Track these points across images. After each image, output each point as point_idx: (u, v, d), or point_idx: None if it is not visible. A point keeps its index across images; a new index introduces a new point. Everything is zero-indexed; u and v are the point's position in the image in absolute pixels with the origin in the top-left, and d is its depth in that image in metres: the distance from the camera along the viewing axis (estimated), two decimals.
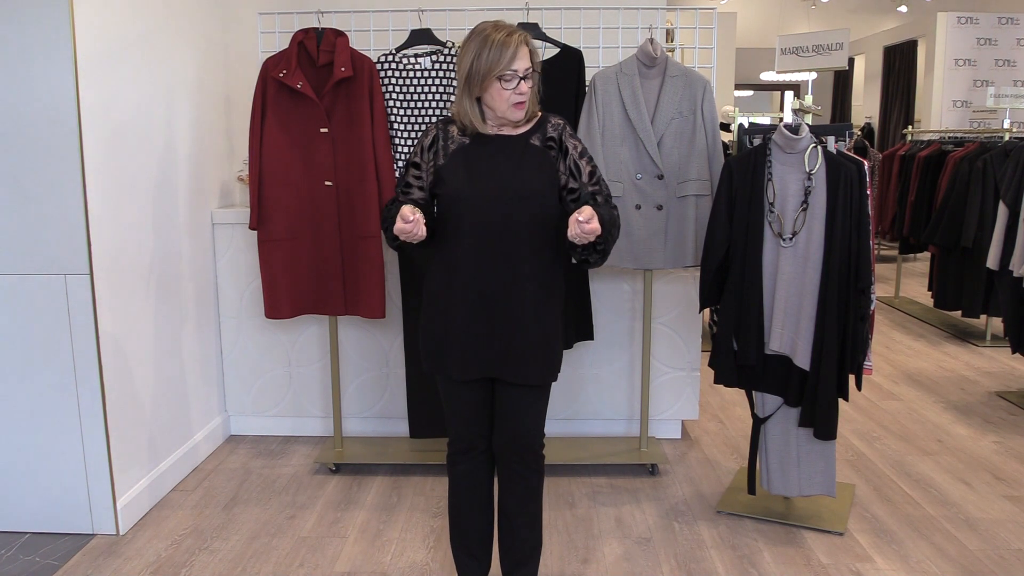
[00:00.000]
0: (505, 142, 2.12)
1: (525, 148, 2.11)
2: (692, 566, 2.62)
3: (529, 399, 2.16)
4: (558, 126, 2.15)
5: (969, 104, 8.11)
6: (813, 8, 10.61)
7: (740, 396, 4.21)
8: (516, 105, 2.06)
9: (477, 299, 2.08)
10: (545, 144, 2.12)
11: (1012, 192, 4.19)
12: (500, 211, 2.05)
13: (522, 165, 2.09)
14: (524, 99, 2.06)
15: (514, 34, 2.04)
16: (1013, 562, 2.64)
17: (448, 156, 2.11)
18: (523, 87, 2.04)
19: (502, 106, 2.05)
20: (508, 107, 2.06)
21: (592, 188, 2.12)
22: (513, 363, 2.11)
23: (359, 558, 2.68)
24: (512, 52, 2.01)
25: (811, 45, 3.49)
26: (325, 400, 3.69)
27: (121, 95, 2.86)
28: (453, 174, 2.09)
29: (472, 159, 2.10)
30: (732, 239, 2.73)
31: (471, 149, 2.11)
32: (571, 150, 2.13)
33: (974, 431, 3.83)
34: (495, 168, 2.08)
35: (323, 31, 3.13)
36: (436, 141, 2.15)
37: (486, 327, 2.10)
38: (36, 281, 2.68)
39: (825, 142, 2.68)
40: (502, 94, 2.04)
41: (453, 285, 2.10)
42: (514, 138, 2.13)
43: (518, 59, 2.02)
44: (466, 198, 2.07)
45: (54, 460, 2.77)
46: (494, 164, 2.09)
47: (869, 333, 2.68)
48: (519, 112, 2.08)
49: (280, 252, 3.21)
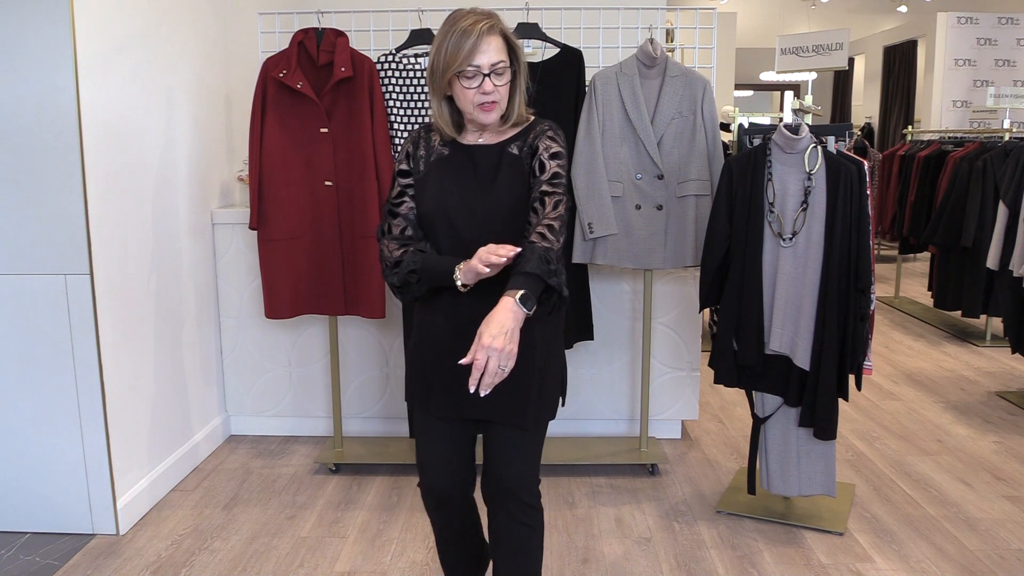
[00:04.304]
0: (482, 152, 1.84)
1: (501, 159, 1.82)
2: (692, 566, 2.62)
3: (516, 442, 1.87)
4: (543, 131, 1.84)
5: (969, 104, 8.11)
6: (813, 8, 10.62)
7: (740, 396, 4.21)
8: (483, 107, 1.76)
9: (459, 328, 1.80)
10: (523, 152, 1.82)
11: (1012, 192, 4.19)
12: (474, 233, 1.78)
13: (496, 179, 1.80)
14: (491, 99, 1.76)
15: (480, 21, 1.72)
16: (1013, 562, 2.64)
17: (426, 167, 1.86)
18: (488, 85, 1.74)
19: (467, 108, 1.78)
20: (473, 109, 1.77)
21: (547, 188, 1.77)
22: (498, 400, 1.79)
23: (359, 558, 2.68)
24: (473, 43, 1.71)
25: (811, 45, 3.49)
26: (325, 400, 3.69)
27: (121, 95, 2.86)
28: (426, 190, 1.84)
29: (446, 172, 1.84)
30: (732, 239, 2.73)
31: (447, 161, 1.85)
32: (541, 149, 1.81)
33: (974, 431, 3.83)
34: (467, 183, 1.82)
35: (323, 31, 3.13)
36: (418, 147, 1.89)
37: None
38: (36, 281, 2.68)
39: (825, 142, 2.69)
40: (465, 94, 1.75)
41: (435, 313, 1.87)
42: (491, 148, 1.84)
43: (480, 52, 1.71)
44: (439, 218, 1.81)
45: (54, 460, 2.77)
46: (467, 179, 1.82)
47: (869, 333, 2.68)
48: (488, 115, 1.78)
49: (280, 252, 3.21)
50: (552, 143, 1.82)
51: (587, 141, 3.07)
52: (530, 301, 1.62)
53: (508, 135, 1.85)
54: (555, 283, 1.68)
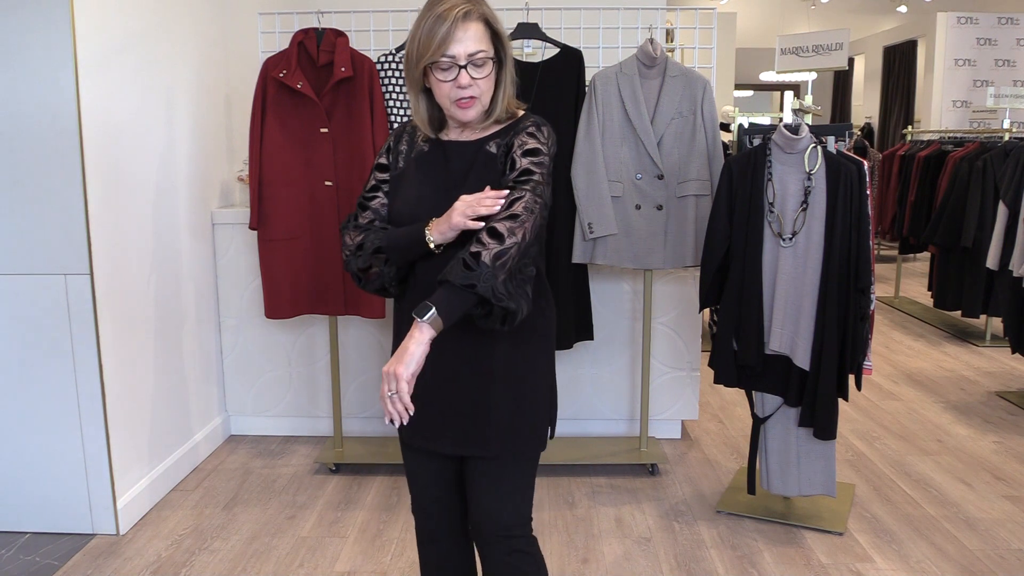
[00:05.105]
0: (457, 150, 1.65)
1: (476, 157, 1.63)
2: (692, 566, 2.62)
3: (500, 474, 1.65)
4: (524, 128, 1.62)
5: (969, 104, 8.11)
6: (813, 8, 10.61)
7: (740, 396, 4.21)
8: (460, 103, 1.57)
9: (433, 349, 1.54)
10: (500, 151, 1.62)
11: (1012, 192, 4.19)
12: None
13: (467, 180, 1.60)
14: (468, 94, 1.56)
15: (458, 6, 1.53)
16: (1013, 562, 2.64)
17: (404, 164, 1.70)
18: (464, 78, 1.54)
19: (443, 103, 1.60)
20: (450, 104, 1.58)
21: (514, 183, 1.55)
22: (477, 429, 1.62)
23: (359, 558, 2.68)
24: (447, 30, 1.51)
25: (811, 45, 3.48)
26: (325, 400, 3.69)
27: (121, 95, 2.86)
28: (399, 188, 1.68)
29: (422, 171, 1.66)
30: (732, 239, 2.73)
31: (424, 158, 1.67)
32: (515, 146, 1.60)
33: (974, 431, 3.83)
34: (439, 184, 1.63)
35: (323, 31, 3.13)
36: (400, 142, 1.73)
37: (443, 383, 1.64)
38: (36, 281, 2.68)
39: (825, 142, 2.69)
40: (440, 87, 1.57)
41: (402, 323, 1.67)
42: (468, 145, 1.65)
43: (455, 40, 1.52)
44: (405, 220, 1.63)
45: (54, 460, 2.77)
46: (439, 179, 1.63)
47: (869, 333, 2.68)
48: (465, 112, 1.59)
49: (280, 252, 3.21)
50: (529, 139, 1.60)
51: (587, 141, 3.07)
52: (426, 310, 1.43)
53: (490, 131, 1.65)
54: (484, 290, 1.45)
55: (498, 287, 1.46)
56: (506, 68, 1.63)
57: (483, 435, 1.63)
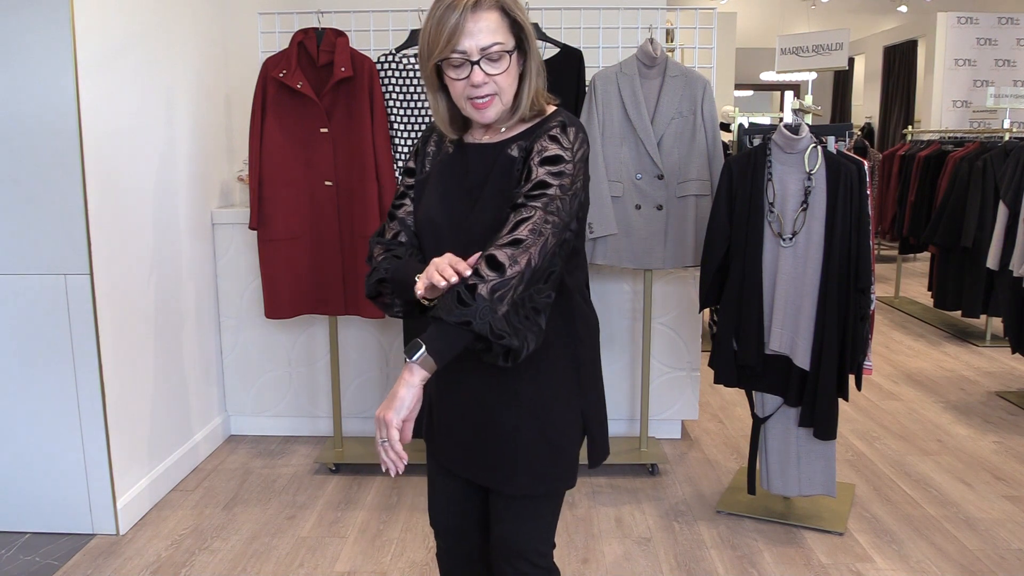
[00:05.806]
0: (477, 153, 1.50)
1: (496, 161, 1.46)
2: (692, 566, 2.62)
3: (526, 509, 1.57)
4: (548, 128, 1.45)
5: (969, 104, 8.10)
6: (813, 8, 10.61)
7: (740, 396, 4.21)
8: (475, 103, 1.42)
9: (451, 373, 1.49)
10: (521, 154, 1.45)
11: (1012, 192, 4.19)
12: (460, 248, 1.41)
13: (485, 186, 1.46)
14: (483, 92, 1.40)
15: None
16: (1013, 562, 2.64)
17: (430, 168, 1.56)
18: (477, 75, 1.38)
19: (459, 102, 1.44)
20: (465, 104, 1.43)
21: (521, 201, 1.38)
22: (504, 461, 1.52)
23: (359, 558, 2.68)
24: (456, 23, 1.35)
25: (811, 45, 3.49)
26: (325, 400, 3.69)
27: (121, 95, 2.86)
28: (423, 194, 1.55)
29: (443, 178, 1.52)
30: (732, 239, 2.73)
31: (448, 162, 1.53)
32: (534, 152, 1.42)
33: (974, 431, 3.83)
34: (458, 190, 1.49)
35: (323, 31, 3.13)
36: (428, 143, 1.60)
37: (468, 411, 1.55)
38: (36, 281, 2.68)
39: (825, 142, 2.69)
40: (453, 86, 1.42)
41: None
42: (489, 148, 1.49)
43: (466, 34, 1.36)
44: (426, 229, 1.52)
45: (54, 460, 2.77)
46: (460, 184, 1.49)
47: (869, 333, 2.68)
48: (483, 112, 1.43)
49: (280, 252, 3.21)
50: (551, 144, 1.42)
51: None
52: (415, 350, 1.32)
53: (515, 132, 1.48)
54: (480, 327, 1.29)
55: (496, 323, 1.31)
56: (531, 59, 1.45)
57: (510, 469, 1.53)
